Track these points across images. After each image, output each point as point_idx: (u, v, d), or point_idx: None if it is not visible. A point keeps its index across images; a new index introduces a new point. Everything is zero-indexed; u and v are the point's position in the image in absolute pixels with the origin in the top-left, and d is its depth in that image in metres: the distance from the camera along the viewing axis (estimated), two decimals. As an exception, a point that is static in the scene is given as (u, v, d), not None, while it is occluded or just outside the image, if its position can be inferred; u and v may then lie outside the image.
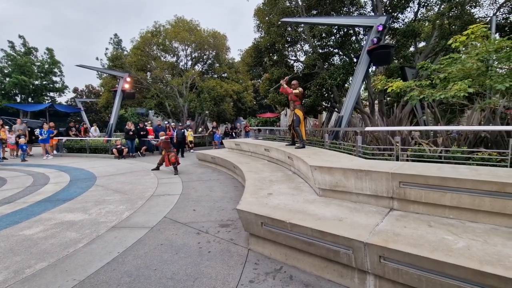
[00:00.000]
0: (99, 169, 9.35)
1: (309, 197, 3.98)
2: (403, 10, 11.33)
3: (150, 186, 6.64)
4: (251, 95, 25.12)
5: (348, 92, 8.59)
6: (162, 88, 20.04)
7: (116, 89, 15.34)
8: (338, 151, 5.95)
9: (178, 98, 19.38)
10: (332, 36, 12.12)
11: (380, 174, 3.36)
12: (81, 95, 34.39)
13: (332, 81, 10.63)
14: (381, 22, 7.98)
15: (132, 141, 13.13)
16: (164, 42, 19.49)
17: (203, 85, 18.40)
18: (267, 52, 13.38)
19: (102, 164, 10.50)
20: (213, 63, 21.88)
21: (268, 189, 4.44)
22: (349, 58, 12.03)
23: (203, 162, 10.54)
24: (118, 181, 7.22)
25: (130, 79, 15.34)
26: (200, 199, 5.48)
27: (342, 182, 3.75)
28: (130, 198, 5.55)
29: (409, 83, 5.63)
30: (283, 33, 12.25)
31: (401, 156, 4.40)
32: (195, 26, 19.91)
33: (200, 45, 19.48)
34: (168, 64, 19.84)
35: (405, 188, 3.17)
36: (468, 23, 9.01)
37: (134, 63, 18.88)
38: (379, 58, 8.03)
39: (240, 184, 6.74)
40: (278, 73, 12.45)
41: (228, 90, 19.10)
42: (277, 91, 13.11)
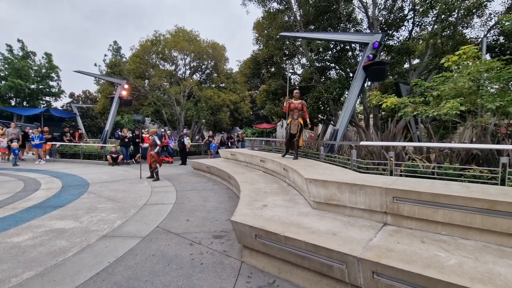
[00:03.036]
0: (92, 175, 9.24)
1: (304, 210, 3.97)
2: (398, 28, 11.67)
3: (143, 194, 6.58)
4: (248, 105, 25.29)
5: (344, 106, 8.71)
6: (160, 96, 20.09)
7: (113, 95, 15.34)
8: (333, 164, 5.98)
9: (175, 106, 19.42)
10: (329, 51, 12.38)
11: (374, 189, 3.38)
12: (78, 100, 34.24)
13: (328, 94, 10.79)
14: (377, 39, 8.20)
15: (127, 148, 13.05)
16: (164, 51, 19.67)
17: (200, 94, 18.52)
18: (265, 64, 13.57)
19: (95, 171, 10.39)
20: (211, 73, 22.09)
21: (263, 201, 4.43)
22: (345, 73, 12.26)
23: (198, 171, 10.49)
24: (111, 189, 7.14)
25: (128, 86, 15.37)
26: (194, 209, 5.43)
27: (337, 196, 3.76)
28: (123, 207, 5.48)
29: (403, 100, 5.75)
30: (281, 47, 12.48)
31: (395, 171, 4.44)
32: (195, 36, 20.19)
33: (199, 55, 19.70)
34: (166, 72, 19.97)
35: (399, 203, 3.20)
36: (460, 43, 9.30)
37: (132, 71, 18.96)
38: (375, 74, 8.20)
39: (235, 195, 6.70)
40: (275, 85, 12.60)
41: (225, 100, 19.24)
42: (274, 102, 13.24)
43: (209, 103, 18.16)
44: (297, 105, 6.74)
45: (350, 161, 5.28)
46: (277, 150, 9.67)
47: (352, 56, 12.33)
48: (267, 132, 28.47)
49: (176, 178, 9.08)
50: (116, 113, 15.76)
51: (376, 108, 11.86)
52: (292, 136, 6.87)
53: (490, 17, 10.51)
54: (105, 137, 14.82)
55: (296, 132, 6.76)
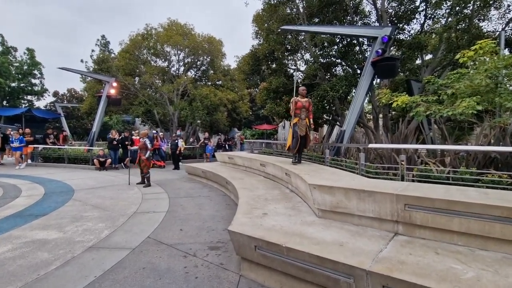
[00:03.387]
0: (77, 181, 9.23)
1: (308, 219, 3.97)
2: (409, 21, 11.72)
3: (133, 201, 6.57)
4: (247, 104, 25.32)
5: (351, 105, 8.73)
6: (151, 94, 20.11)
7: (100, 94, 15.37)
8: (339, 168, 5.98)
9: (168, 106, 19.44)
10: (334, 46, 12.42)
11: (384, 196, 3.38)
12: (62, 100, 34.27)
13: (334, 93, 10.81)
14: (386, 33, 8.23)
15: (116, 152, 13.05)
16: (156, 46, 19.73)
17: (195, 92, 18.54)
18: (266, 60, 13.61)
19: (81, 176, 10.38)
20: (207, 70, 22.13)
21: (263, 209, 4.43)
22: (352, 69, 12.30)
23: (193, 176, 10.48)
24: (98, 196, 7.14)
25: (117, 84, 15.40)
26: (188, 218, 5.43)
27: (344, 203, 3.76)
28: (111, 215, 5.47)
29: (415, 98, 5.77)
30: (282, 41, 12.52)
31: (406, 176, 4.44)
32: (189, 30, 20.25)
33: (194, 50, 19.76)
34: (158, 69, 20.02)
35: (411, 211, 3.19)
36: (476, 37, 9.34)
37: (121, 67, 19.00)
38: (384, 71, 8.23)
39: (233, 202, 6.69)
40: (276, 83, 12.63)
41: (222, 98, 19.26)
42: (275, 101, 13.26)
43: (204, 102, 18.19)
44: (304, 104, 6.65)
45: (358, 165, 5.28)
46: (278, 153, 9.67)
47: (359, 51, 12.37)
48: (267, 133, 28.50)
49: (168, 184, 9.06)
50: (103, 113, 15.77)
51: (386, 107, 11.88)
52: (302, 138, 6.72)
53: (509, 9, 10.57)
54: (92, 139, 14.83)
55: (305, 133, 6.69)
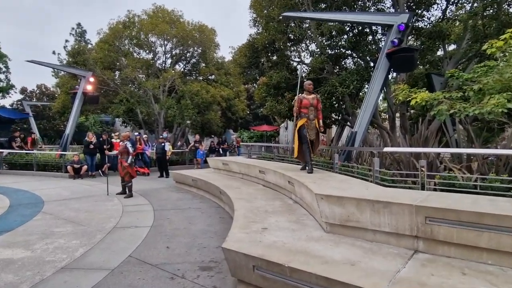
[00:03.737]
0: (48, 191, 9.19)
1: (314, 234, 3.97)
2: (429, 7, 11.79)
3: (112, 214, 6.56)
4: (244, 102, 25.34)
5: (363, 103, 8.74)
6: (134, 91, 20.09)
7: (75, 91, 15.35)
8: (350, 175, 5.99)
9: (152, 104, 19.43)
10: (344, 35, 12.46)
11: (402, 207, 3.38)
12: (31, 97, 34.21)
13: (344, 88, 10.84)
14: (403, 21, 8.27)
15: (93, 157, 13.02)
16: (139, 35, 19.75)
17: (184, 88, 18.55)
18: (265, 51, 13.64)
19: (53, 186, 10.34)
20: (198, 63, 22.16)
21: (263, 223, 4.42)
22: (365, 62, 12.34)
23: (181, 185, 10.47)
24: (72, 208, 7.12)
25: (94, 79, 15.39)
26: (176, 234, 5.41)
27: (355, 216, 3.75)
28: (87, 230, 5.45)
29: (437, 95, 5.79)
30: (284, 30, 12.56)
31: (427, 184, 4.44)
32: (178, 17, 20.29)
33: (183, 40, 19.79)
34: (142, 62, 20.02)
35: (433, 225, 3.19)
36: (506, 25, 9.39)
37: (100, 60, 19.00)
38: (401, 63, 8.26)
39: (228, 215, 6.68)
40: (277, 77, 12.66)
41: (215, 95, 19.27)
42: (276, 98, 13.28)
43: (195, 99, 18.18)
44: (311, 101, 6.46)
45: (371, 171, 5.28)
46: (280, 158, 9.67)
47: (372, 41, 12.42)
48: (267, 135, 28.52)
49: (153, 194, 9.05)
50: (79, 113, 15.74)
51: (404, 105, 11.91)
52: (311, 143, 6.53)
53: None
54: (65, 143, 14.78)
55: (315, 137, 6.54)
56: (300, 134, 6.44)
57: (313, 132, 6.47)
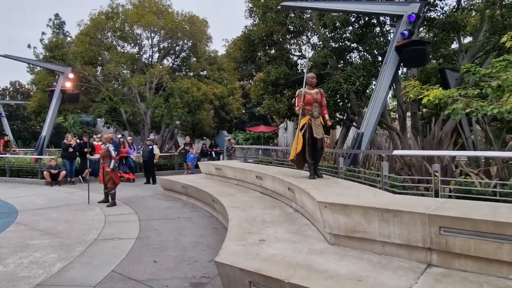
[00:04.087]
0: (23, 199, 9.14)
1: (317, 246, 3.96)
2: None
3: (94, 225, 6.53)
4: (239, 101, 25.32)
5: (371, 101, 8.76)
6: (117, 88, 20.03)
7: (53, 88, 15.29)
8: (356, 181, 5.98)
9: (138, 103, 19.38)
10: (349, 26, 12.50)
11: (414, 216, 3.38)
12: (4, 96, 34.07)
13: (349, 85, 10.86)
14: (414, 11, 8.31)
15: (72, 162, 12.95)
16: (123, 27, 19.72)
17: (173, 85, 18.52)
18: (262, 44, 13.66)
19: (27, 193, 10.28)
20: (188, 57, 22.15)
21: (260, 234, 4.41)
22: (372, 56, 12.38)
23: (170, 193, 10.45)
24: (50, 218, 7.08)
25: (74, 76, 15.34)
26: (164, 246, 5.39)
27: (362, 226, 3.75)
28: (65, 243, 5.42)
29: (451, 92, 5.80)
30: (283, 21, 12.58)
31: (441, 191, 4.45)
32: (166, 7, 20.29)
33: (171, 32, 19.78)
34: (127, 56, 19.98)
35: (448, 235, 3.18)
36: (526, 16, 9.46)
37: (80, 54, 18.94)
38: (411, 57, 8.29)
39: (221, 225, 6.67)
40: (276, 73, 12.67)
41: (207, 93, 19.24)
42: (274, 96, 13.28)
43: (185, 97, 18.14)
44: (315, 96, 6.37)
45: (380, 177, 5.28)
46: (279, 163, 9.67)
47: (380, 33, 12.47)
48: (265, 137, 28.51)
49: (139, 203, 9.03)
50: (57, 113, 15.66)
51: (415, 104, 11.95)
52: (316, 143, 6.32)
53: None
54: (41, 145, 14.70)
55: (322, 136, 6.36)
56: (303, 134, 6.25)
57: (319, 130, 6.34)
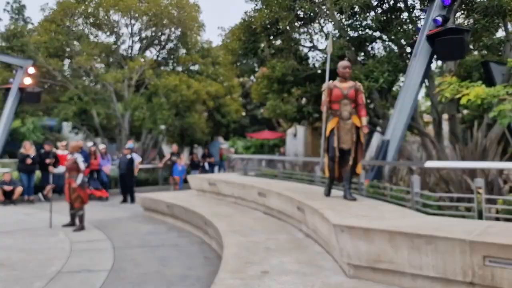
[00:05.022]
0: (-30, 222, 9.08)
1: (332, 280, 3.92)
2: (484, -27, 11.94)
3: (57, 255, 6.46)
4: (238, 101, 25.43)
5: (398, 102, 8.78)
6: (89, 86, 20.15)
7: (9, 85, 15.38)
8: (381, 199, 5.96)
9: (114, 104, 19.47)
10: (370, 11, 12.57)
11: (452, 243, 3.34)
12: (-50, 95, 34.32)
13: (371, 82, 10.88)
14: (449, -8, 8.37)
15: (30, 175, 12.93)
16: (97, 12, 19.88)
17: (158, 82, 18.63)
18: (266, 33, 13.72)
19: (-24, 214, 10.25)
20: (176, 48, 22.31)
21: (263, 264, 4.38)
22: (399, 47, 12.43)
23: (152, 214, 10.41)
24: (1, 246, 7.01)
25: (35, 71, 15.42)
26: (143, 280, 5.32)
27: (388, 255, 3.71)
28: (21, 277, 5.36)
29: (497, 90, 5.80)
30: (291, 5, 12.66)
31: (486, 212, 4.41)
32: (150, -11, 20.52)
33: (156, 18, 19.96)
34: (101, 47, 20.12)
35: (494, 267, 3.15)
36: None
37: (44, 44, 19.08)
38: (447, 48, 8.32)
39: (215, 254, 6.62)
40: (282, 68, 12.72)
41: (199, 92, 19.34)
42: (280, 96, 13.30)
43: (172, 97, 18.23)
44: (346, 91, 5.87)
45: (410, 194, 5.25)
46: (286, 176, 9.64)
47: (409, 19, 12.53)
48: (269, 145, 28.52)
49: (114, 226, 8.99)
50: (13, 116, 15.70)
51: (453, 105, 11.96)
52: (345, 154, 5.92)
53: None
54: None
55: (351, 145, 5.85)
56: (329, 142, 5.94)
57: (348, 138, 5.82)
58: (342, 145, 5.81)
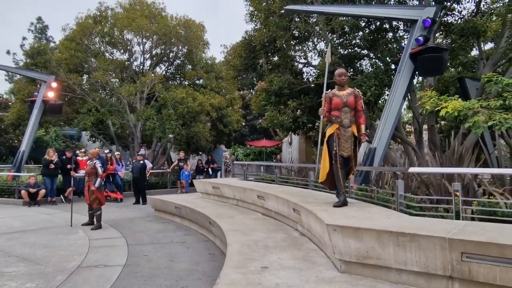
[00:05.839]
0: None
1: (325, 274, 3.93)
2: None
3: (77, 251, 6.49)
4: (239, 112, 25.45)
5: (384, 113, 8.81)
6: (105, 99, 20.18)
7: (34, 98, 15.38)
8: (369, 201, 5.97)
9: (127, 115, 19.50)
10: (359, 32, 12.66)
11: (432, 240, 3.37)
12: (-21, 106, 34.30)
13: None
14: (429, 15, 8.44)
15: (53, 179, 12.94)
16: (112, 32, 20.00)
17: (166, 95, 18.66)
18: (264, 51, 13.81)
19: (2, 215, 10.23)
20: (183, 64, 22.39)
21: (262, 260, 4.40)
22: (384, 64, 12.49)
23: (162, 214, 10.41)
24: (27, 243, 7.04)
25: (57, 85, 15.46)
26: (154, 274, 5.34)
27: (376, 252, 3.73)
28: (44, 271, 5.37)
29: (472, 104, 5.85)
30: (287, 25, 12.75)
31: (463, 212, 4.44)
32: (159, 10, 20.62)
33: (165, 37, 20.04)
34: (116, 63, 20.20)
35: (471, 262, 3.17)
36: (551, 20, 9.59)
37: (64, 61, 19.15)
38: (427, 65, 8.37)
39: (219, 251, 6.63)
40: (279, 82, 12.77)
41: (204, 104, 19.37)
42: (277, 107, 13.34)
43: (179, 109, 18.26)
44: (345, 99, 5.56)
45: (394, 197, 5.27)
46: (283, 181, 9.65)
47: (393, 39, 12.63)
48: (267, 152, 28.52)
49: (127, 225, 8.99)
50: (38, 125, 15.72)
51: (432, 116, 12.00)
52: (346, 161, 5.62)
53: None
54: (20, 161, 14.71)
55: (350, 152, 5.56)
56: (329, 148, 5.62)
57: (348, 145, 5.51)
58: (342, 152, 5.52)
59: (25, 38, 29.69)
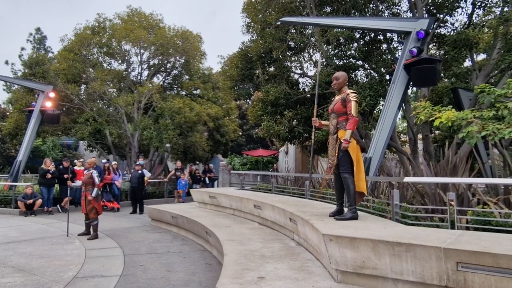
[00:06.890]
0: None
1: (322, 284, 3.91)
2: (452, 11, 12.20)
3: (73, 261, 6.45)
4: (236, 122, 25.52)
5: (379, 123, 8.87)
6: (102, 108, 20.17)
7: (32, 108, 15.37)
8: (364, 211, 5.97)
9: (125, 124, 19.48)
10: (354, 43, 12.80)
11: (428, 250, 3.37)
12: (-23, 116, 34.17)
13: (355, 106, 11.00)
14: (422, 27, 8.55)
15: (50, 189, 12.88)
16: (110, 42, 20.06)
17: (164, 105, 18.68)
18: (261, 61, 13.91)
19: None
20: (180, 75, 22.47)
21: (259, 270, 4.37)
22: (379, 74, 12.60)
23: (159, 224, 10.38)
24: (23, 253, 7.00)
25: (55, 95, 15.46)
26: (151, 285, 5.31)
27: (372, 261, 3.72)
28: (40, 282, 5.33)
29: (465, 114, 5.89)
30: (283, 37, 12.87)
31: (457, 222, 4.44)
32: (157, 22, 20.75)
33: (162, 48, 20.13)
34: (113, 73, 20.22)
35: (466, 272, 3.17)
36: (542, 32, 9.73)
37: (63, 71, 19.16)
38: (421, 76, 8.46)
39: (216, 261, 6.61)
40: (275, 92, 12.84)
41: (201, 113, 19.40)
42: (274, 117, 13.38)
43: (176, 118, 18.27)
44: (333, 105, 5.45)
45: (390, 206, 5.27)
46: (279, 190, 9.65)
47: (387, 50, 12.75)
48: (264, 162, 28.53)
49: (124, 235, 8.95)
50: (35, 135, 15.68)
51: (426, 126, 12.08)
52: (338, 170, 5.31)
53: None
54: (16, 171, 14.64)
55: (333, 163, 5.32)
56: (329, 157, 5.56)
57: (333, 152, 5.30)
58: (329, 160, 5.41)
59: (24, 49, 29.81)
